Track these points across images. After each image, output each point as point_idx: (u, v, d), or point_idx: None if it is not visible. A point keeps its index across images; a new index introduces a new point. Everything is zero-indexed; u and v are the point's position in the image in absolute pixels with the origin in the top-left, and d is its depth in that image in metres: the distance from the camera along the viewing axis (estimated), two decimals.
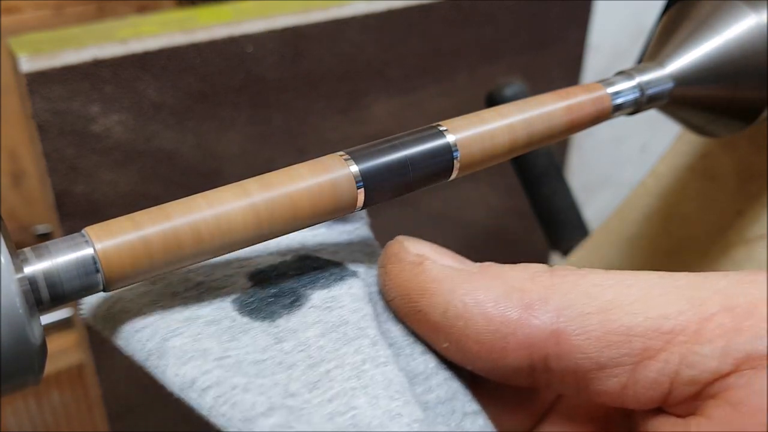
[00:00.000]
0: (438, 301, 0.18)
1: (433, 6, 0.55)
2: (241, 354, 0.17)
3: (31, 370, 0.15)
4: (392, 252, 0.19)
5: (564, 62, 0.68)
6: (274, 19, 0.49)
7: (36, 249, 0.16)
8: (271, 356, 0.18)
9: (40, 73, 0.42)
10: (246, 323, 0.18)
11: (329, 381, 0.17)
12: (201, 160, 0.50)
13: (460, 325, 0.17)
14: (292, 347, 0.18)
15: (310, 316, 0.19)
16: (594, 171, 0.91)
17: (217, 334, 0.18)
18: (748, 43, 0.27)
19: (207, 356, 0.17)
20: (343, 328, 0.18)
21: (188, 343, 0.17)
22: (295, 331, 0.18)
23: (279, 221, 0.18)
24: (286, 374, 0.17)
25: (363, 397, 0.17)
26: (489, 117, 0.22)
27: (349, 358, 0.18)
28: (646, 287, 0.17)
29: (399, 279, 0.19)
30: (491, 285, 0.18)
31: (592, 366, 0.17)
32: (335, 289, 0.20)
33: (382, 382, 0.17)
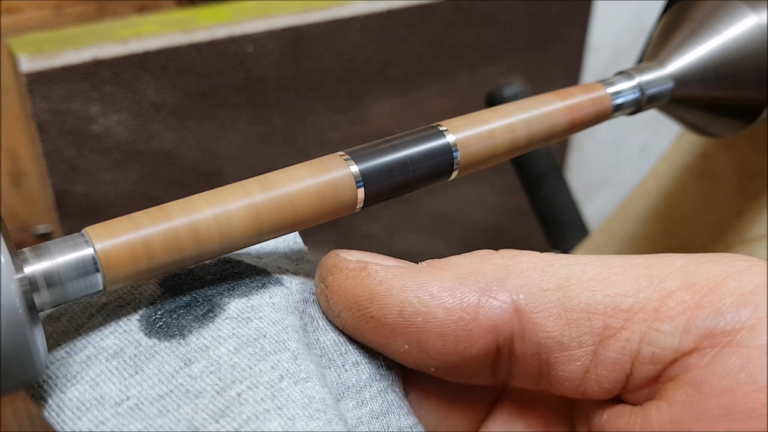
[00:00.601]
0: (391, 302, 0.17)
1: (433, 6, 0.55)
2: (144, 390, 0.16)
3: (31, 370, 0.15)
4: (331, 264, 0.18)
5: (564, 62, 0.68)
6: (274, 19, 0.49)
7: (36, 249, 0.16)
8: (178, 384, 0.16)
9: (40, 73, 0.42)
10: (152, 346, 0.17)
11: (240, 405, 0.16)
12: (201, 160, 0.50)
13: (419, 321, 0.17)
14: (202, 369, 0.16)
15: (225, 329, 0.17)
16: (594, 171, 0.91)
17: (119, 369, 0.16)
18: (748, 43, 0.27)
19: (103, 404, 0.16)
20: (260, 342, 0.17)
21: (86, 391, 0.16)
22: (207, 348, 0.17)
23: (279, 221, 0.18)
24: (191, 405, 0.16)
25: (277, 420, 0.15)
26: (489, 117, 0.22)
27: (265, 376, 0.16)
28: (602, 265, 0.17)
29: (344, 289, 0.18)
30: (442, 276, 0.17)
31: (555, 346, 0.16)
32: (255, 298, 0.18)
33: (301, 401, 0.16)
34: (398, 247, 0.64)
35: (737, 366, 0.15)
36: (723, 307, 0.15)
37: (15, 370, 0.15)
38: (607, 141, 0.91)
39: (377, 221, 0.62)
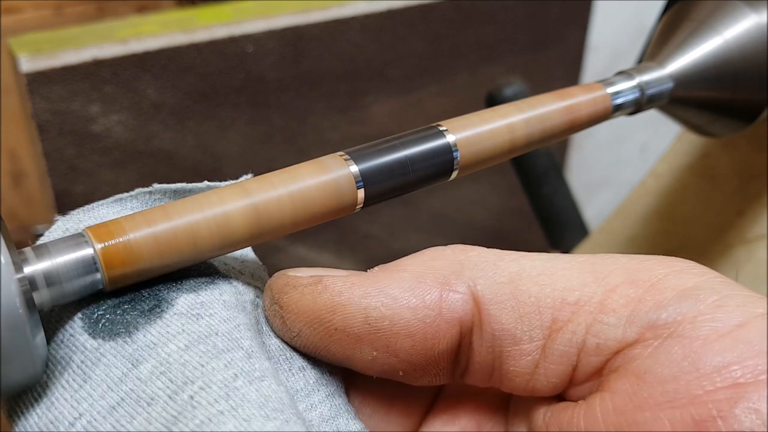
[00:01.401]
0: (354, 311, 0.17)
1: (433, 6, 0.55)
2: (94, 404, 0.15)
3: (32, 370, 0.15)
4: (282, 283, 0.18)
5: (564, 62, 0.68)
6: (274, 19, 0.49)
7: (36, 249, 0.16)
8: (128, 391, 0.16)
9: (40, 73, 0.42)
10: (98, 348, 0.16)
11: (192, 409, 0.15)
12: (201, 160, 0.50)
13: (386, 325, 0.17)
14: (151, 370, 0.16)
15: (173, 326, 0.16)
16: (594, 171, 0.91)
17: (69, 382, 0.16)
18: (748, 43, 0.27)
19: (57, 427, 0.15)
20: (212, 340, 0.16)
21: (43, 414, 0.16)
22: (155, 346, 0.16)
23: (279, 221, 0.18)
24: (144, 415, 0.15)
25: (232, 422, 0.15)
26: (489, 117, 0.22)
27: (218, 375, 0.16)
28: (549, 262, 0.17)
29: (301, 305, 0.17)
30: (400, 277, 0.17)
31: (508, 340, 0.17)
32: (204, 294, 0.17)
33: (257, 401, 0.15)
34: (398, 247, 0.64)
35: (680, 355, 0.15)
36: (665, 300, 0.16)
37: (15, 369, 0.15)
38: (607, 141, 0.91)
39: (377, 221, 0.62)
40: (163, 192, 0.20)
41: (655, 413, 0.15)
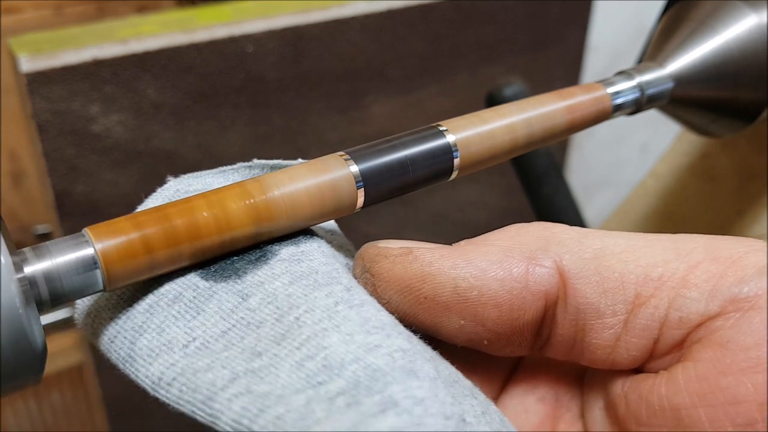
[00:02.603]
0: (443, 281, 0.18)
1: (433, 6, 0.55)
2: (208, 330, 0.17)
3: (31, 370, 0.15)
4: (374, 253, 0.19)
5: (564, 62, 0.68)
6: (274, 19, 0.49)
7: (36, 249, 0.16)
8: (239, 319, 0.17)
9: (40, 73, 0.42)
10: (210, 288, 0.18)
11: (299, 328, 0.16)
12: (201, 160, 0.50)
13: (474, 295, 0.18)
14: (259, 302, 0.17)
15: (278, 268, 0.18)
16: (594, 171, 0.91)
17: (182, 313, 0.17)
18: (748, 43, 0.27)
19: (172, 348, 0.17)
20: (313, 276, 0.18)
21: (154, 339, 0.17)
22: (262, 283, 0.18)
23: (279, 221, 0.18)
24: (254, 335, 0.17)
25: (335, 336, 0.16)
26: (489, 117, 0.22)
27: (320, 302, 0.17)
28: (631, 240, 0.18)
29: (392, 274, 0.18)
30: (488, 251, 0.18)
31: (592, 313, 0.17)
32: (304, 245, 0.19)
33: (357, 320, 0.17)
34: None
35: (761, 325, 0.16)
36: (746, 276, 0.16)
37: (15, 369, 0.15)
38: (607, 141, 0.91)
39: (377, 221, 0.62)
40: (261, 167, 0.21)
41: (738, 378, 0.16)
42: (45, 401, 0.80)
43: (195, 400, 0.16)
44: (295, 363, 0.16)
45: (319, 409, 0.15)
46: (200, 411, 0.16)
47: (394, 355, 0.16)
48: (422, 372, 0.16)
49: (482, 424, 0.17)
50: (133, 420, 0.56)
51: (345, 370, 0.15)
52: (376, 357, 0.16)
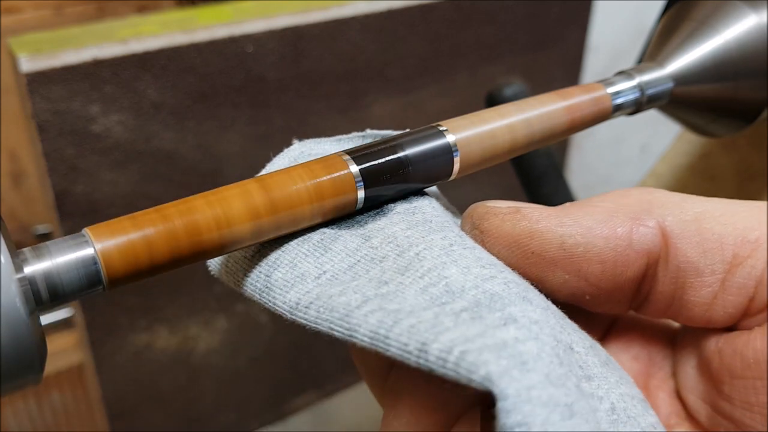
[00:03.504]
0: (550, 237, 0.19)
1: (433, 6, 0.55)
2: (336, 264, 0.19)
3: (31, 370, 0.15)
4: (482, 212, 0.20)
5: (564, 62, 0.68)
6: (274, 19, 0.49)
7: (36, 249, 0.16)
8: (363, 255, 0.19)
9: (40, 73, 0.42)
10: (335, 233, 0.20)
11: (419, 261, 0.18)
12: (201, 160, 0.50)
13: (579, 251, 0.19)
14: (381, 241, 0.19)
15: (395, 218, 0.20)
16: (594, 171, 0.91)
17: (311, 251, 0.19)
18: (748, 43, 0.27)
19: (305, 279, 0.19)
20: (428, 224, 0.20)
21: (287, 272, 0.19)
22: (382, 228, 0.20)
23: (279, 221, 0.18)
24: (378, 268, 0.19)
25: (454, 268, 0.18)
26: (489, 117, 0.22)
27: (437, 242, 0.19)
28: (729, 205, 0.19)
29: (501, 231, 0.20)
30: (593, 211, 0.19)
31: (692, 272, 0.19)
32: (417, 202, 0.21)
33: (472, 257, 0.18)
34: None
35: None
36: None
37: (15, 369, 0.15)
38: (607, 141, 0.91)
39: None
40: (374, 137, 0.23)
41: None
42: (45, 401, 0.80)
43: (332, 318, 0.17)
44: (419, 289, 0.17)
45: (447, 320, 0.16)
46: (338, 327, 0.17)
47: (509, 285, 0.17)
48: (535, 301, 0.17)
49: (590, 355, 0.19)
50: (133, 420, 0.56)
51: (466, 294, 0.17)
52: (492, 285, 0.17)
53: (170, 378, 0.57)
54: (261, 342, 0.61)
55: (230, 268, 0.21)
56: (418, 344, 0.16)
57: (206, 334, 0.57)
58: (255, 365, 0.61)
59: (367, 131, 0.23)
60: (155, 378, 0.56)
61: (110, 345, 0.52)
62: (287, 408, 0.66)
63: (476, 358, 0.15)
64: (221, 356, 0.59)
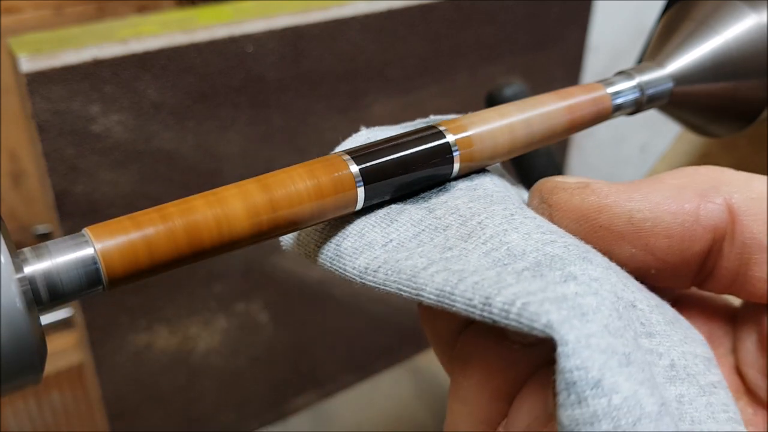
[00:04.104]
0: (619, 211, 0.19)
1: (433, 6, 0.55)
2: (401, 233, 0.20)
3: (31, 370, 0.15)
4: (551, 186, 0.21)
5: (564, 62, 0.68)
6: (274, 19, 0.49)
7: (36, 249, 0.16)
8: (427, 225, 0.20)
9: (40, 73, 0.42)
10: (400, 207, 0.21)
11: (482, 229, 0.19)
12: (201, 160, 0.50)
13: (647, 226, 0.19)
14: (444, 212, 0.20)
15: (457, 192, 0.21)
16: (594, 171, 0.91)
17: (377, 222, 0.20)
18: (748, 43, 0.27)
19: (373, 246, 0.20)
20: (489, 198, 0.21)
21: (356, 241, 0.20)
22: (445, 202, 0.21)
23: (279, 221, 0.18)
24: (442, 236, 0.20)
25: (515, 234, 0.19)
26: (489, 117, 0.22)
27: (498, 212, 0.20)
28: None
29: (570, 205, 0.20)
30: (659, 188, 0.20)
31: (756, 248, 0.19)
32: (478, 179, 0.22)
33: (533, 225, 0.19)
34: None
35: None
36: None
37: (15, 369, 0.15)
38: (607, 141, 0.91)
39: None
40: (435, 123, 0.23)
41: None
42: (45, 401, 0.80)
43: (400, 279, 0.18)
44: (482, 253, 0.18)
45: (510, 278, 0.17)
46: (405, 287, 0.18)
47: (569, 247, 0.18)
48: (595, 261, 0.18)
49: (654, 313, 0.19)
50: (133, 420, 0.56)
51: (527, 257, 0.18)
52: (553, 248, 0.18)
53: (170, 378, 0.57)
54: (261, 342, 0.61)
55: (301, 241, 0.22)
56: (482, 298, 0.17)
57: (206, 334, 0.57)
58: (255, 365, 0.61)
59: (431, 117, 0.24)
60: (155, 378, 0.56)
61: (110, 345, 0.52)
62: (287, 408, 0.66)
63: (537, 309, 0.16)
64: (221, 356, 0.59)
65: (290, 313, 0.61)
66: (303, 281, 0.60)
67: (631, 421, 0.15)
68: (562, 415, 0.15)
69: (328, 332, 0.65)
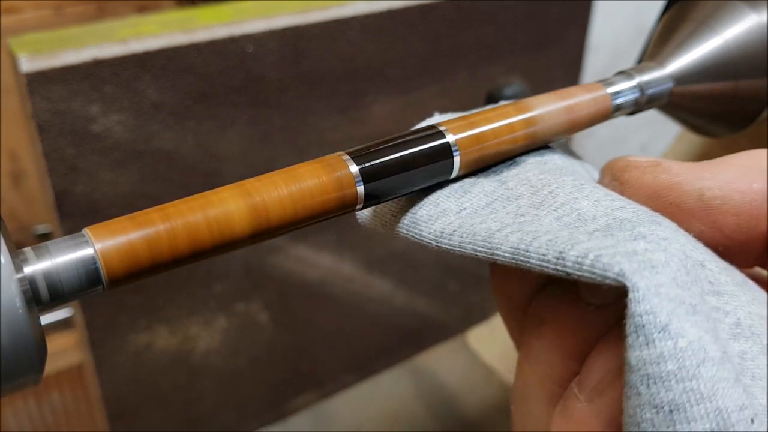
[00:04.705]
0: (689, 189, 0.20)
1: (433, 6, 0.55)
2: (474, 203, 0.21)
3: (31, 370, 0.15)
4: (623, 165, 0.22)
5: (564, 62, 0.68)
6: (274, 19, 0.49)
7: (36, 249, 0.16)
8: (499, 195, 0.21)
9: (40, 73, 0.42)
10: (473, 180, 0.22)
11: (553, 198, 0.20)
12: (201, 160, 0.50)
13: (717, 204, 0.20)
14: (516, 184, 0.21)
15: (527, 165, 0.22)
16: None
17: (451, 193, 0.22)
18: (748, 43, 0.27)
19: (447, 214, 0.21)
20: (558, 170, 0.22)
21: (431, 209, 0.21)
22: (517, 174, 0.22)
23: (279, 221, 0.18)
24: (514, 204, 0.21)
25: (585, 201, 0.20)
26: (489, 117, 0.22)
27: (569, 182, 0.21)
28: None
29: (642, 182, 0.21)
30: (726, 168, 0.20)
31: None
32: (547, 155, 0.23)
33: (602, 193, 0.20)
34: (398, 247, 0.64)
35: None
36: None
37: (15, 369, 0.15)
38: (607, 141, 0.91)
39: None
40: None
41: None
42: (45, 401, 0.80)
43: (475, 241, 0.19)
44: (553, 218, 0.19)
45: (582, 236, 0.18)
46: (481, 248, 0.19)
47: (638, 212, 0.19)
48: (664, 224, 0.19)
49: (722, 274, 0.19)
50: (133, 420, 0.56)
51: (597, 220, 0.19)
52: (622, 213, 0.19)
53: (170, 378, 0.57)
54: (261, 342, 0.61)
55: (378, 213, 0.23)
56: (555, 253, 0.18)
57: (206, 334, 0.57)
58: (255, 365, 0.61)
59: None
60: (155, 378, 0.56)
61: (110, 345, 0.52)
62: (287, 408, 0.66)
63: (610, 260, 0.17)
64: (221, 356, 0.59)
65: (290, 313, 0.61)
66: (303, 281, 0.60)
67: (695, 363, 0.15)
68: (631, 356, 0.16)
69: (328, 332, 0.65)
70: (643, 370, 0.16)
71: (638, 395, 0.16)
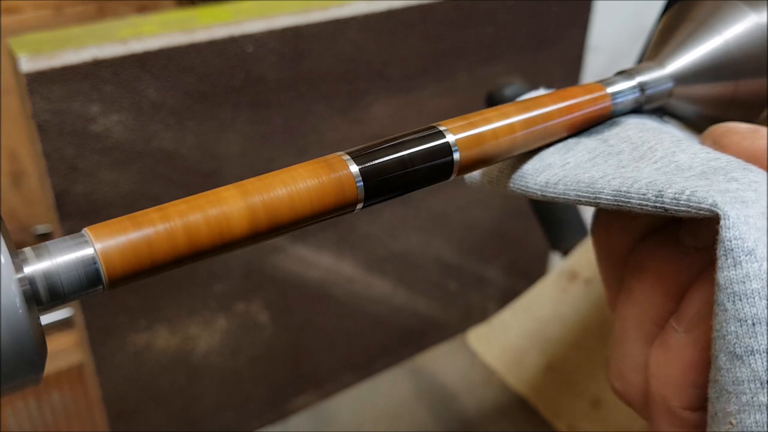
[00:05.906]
0: None
1: (433, 6, 0.55)
2: (578, 157, 0.23)
3: (32, 370, 0.15)
4: (723, 130, 0.23)
5: (564, 62, 0.68)
6: (274, 19, 0.49)
7: (36, 249, 0.16)
8: (601, 151, 0.23)
9: (40, 73, 0.42)
10: (576, 140, 0.24)
11: (652, 153, 0.22)
12: (201, 160, 0.50)
13: None
14: (617, 141, 0.23)
15: (628, 126, 0.24)
16: None
17: (556, 149, 0.24)
18: (748, 43, 0.27)
19: (552, 167, 0.23)
20: (657, 130, 0.23)
21: (536, 163, 0.23)
22: (617, 133, 0.24)
23: (278, 221, 0.18)
24: (615, 158, 0.22)
25: (682, 155, 0.21)
26: (489, 117, 0.22)
27: (666, 139, 0.22)
28: None
29: (741, 146, 0.22)
30: None
31: None
32: (646, 118, 0.25)
33: (699, 148, 0.22)
34: (398, 247, 0.64)
35: None
36: None
37: (15, 369, 0.15)
38: None
39: (377, 221, 0.62)
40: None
41: None
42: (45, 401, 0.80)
43: (579, 188, 0.21)
44: (653, 169, 0.21)
45: (678, 179, 0.20)
46: (584, 193, 0.21)
47: (731, 162, 0.20)
48: (756, 170, 0.20)
49: None
50: (133, 420, 0.56)
51: (694, 169, 0.20)
52: (717, 162, 0.21)
53: (170, 378, 0.57)
54: (261, 342, 0.61)
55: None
56: (655, 192, 0.19)
57: (206, 334, 0.57)
58: (255, 365, 0.61)
59: None
60: (155, 378, 0.56)
61: (110, 345, 0.52)
62: (287, 408, 0.66)
63: (705, 194, 0.19)
64: (221, 356, 0.59)
65: (290, 313, 0.61)
66: (303, 281, 0.60)
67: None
68: (720, 276, 0.18)
69: (328, 332, 0.65)
70: (730, 288, 0.18)
71: (725, 311, 0.18)
